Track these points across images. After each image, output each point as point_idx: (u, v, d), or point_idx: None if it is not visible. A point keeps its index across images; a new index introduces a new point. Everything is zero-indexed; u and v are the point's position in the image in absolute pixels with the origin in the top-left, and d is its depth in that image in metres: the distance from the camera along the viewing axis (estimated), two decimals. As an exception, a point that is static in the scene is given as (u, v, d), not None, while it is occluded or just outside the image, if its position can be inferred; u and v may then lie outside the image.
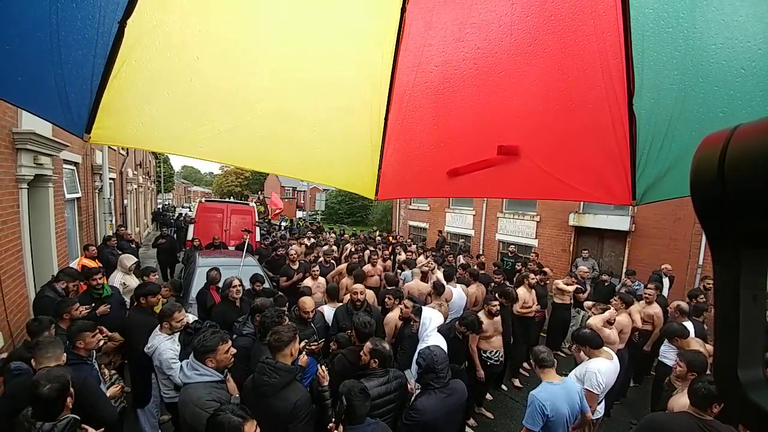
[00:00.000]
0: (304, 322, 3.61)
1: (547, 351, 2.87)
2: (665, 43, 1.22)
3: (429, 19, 1.57)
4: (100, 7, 1.12)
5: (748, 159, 0.33)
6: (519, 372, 5.85)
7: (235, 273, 4.92)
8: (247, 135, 1.56)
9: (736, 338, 0.36)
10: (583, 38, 1.34)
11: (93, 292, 4.08)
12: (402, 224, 17.27)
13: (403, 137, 1.80)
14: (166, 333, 3.13)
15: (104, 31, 1.15)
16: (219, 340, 2.40)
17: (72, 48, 1.10)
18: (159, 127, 1.42)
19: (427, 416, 2.49)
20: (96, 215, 8.67)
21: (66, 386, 1.96)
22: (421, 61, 1.64)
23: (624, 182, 1.43)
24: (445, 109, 1.67)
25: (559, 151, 1.51)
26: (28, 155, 4.64)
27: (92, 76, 1.19)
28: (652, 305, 5.22)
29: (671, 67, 1.23)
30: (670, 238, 8.46)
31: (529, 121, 1.53)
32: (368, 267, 6.53)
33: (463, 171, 1.64)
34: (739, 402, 0.36)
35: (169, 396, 3.05)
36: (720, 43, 1.12)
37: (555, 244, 11.03)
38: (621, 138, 1.37)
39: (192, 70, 1.37)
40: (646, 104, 1.30)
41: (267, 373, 2.26)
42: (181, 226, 14.39)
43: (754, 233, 0.34)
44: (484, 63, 1.52)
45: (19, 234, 4.53)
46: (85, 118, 1.24)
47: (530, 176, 1.56)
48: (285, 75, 1.54)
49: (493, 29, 1.47)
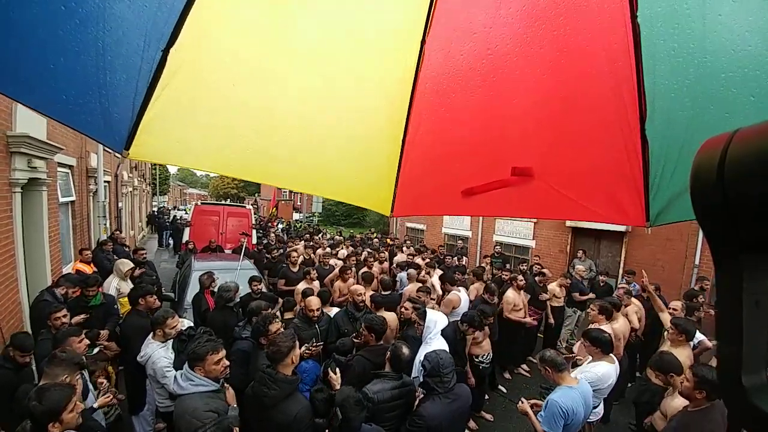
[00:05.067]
0: (309, 321, 3.63)
1: (559, 354, 2.84)
2: (676, 72, 1.25)
3: (447, 49, 1.64)
4: (146, 35, 1.19)
5: (748, 163, 0.32)
6: (510, 369, 5.92)
7: (232, 276, 4.88)
8: (273, 154, 1.66)
9: (739, 343, 0.35)
10: (595, 63, 1.38)
11: (82, 300, 4.08)
12: (399, 226, 17.27)
13: (419, 156, 1.86)
14: (160, 340, 3.09)
15: (148, 57, 1.24)
16: (209, 349, 2.33)
17: (116, 71, 1.18)
18: (194, 146, 1.52)
19: (432, 422, 2.46)
20: (90, 219, 8.58)
21: (54, 412, 1.83)
22: (440, 88, 1.71)
23: (637, 204, 1.46)
24: (461, 129, 1.74)
25: (573, 172, 1.55)
26: (22, 159, 4.58)
27: (134, 98, 1.28)
28: (632, 301, 5.22)
29: (682, 95, 1.26)
30: (667, 239, 8.50)
31: (542, 142, 1.57)
32: (367, 268, 6.51)
33: (478, 191, 1.69)
34: (743, 407, 0.35)
35: (164, 405, 3.00)
36: (730, 72, 1.15)
37: (552, 245, 11.06)
38: (634, 161, 1.41)
39: (227, 95, 1.46)
40: (657, 129, 1.34)
41: (267, 384, 2.22)
42: (178, 229, 14.31)
43: (755, 238, 0.33)
44: (497, 86, 1.58)
45: (12, 239, 4.47)
46: (125, 136, 1.33)
47: (544, 197, 1.60)
48: (309, 98, 1.62)
49: (507, 51, 1.53)
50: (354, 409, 2.13)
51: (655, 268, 8.43)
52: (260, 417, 2.23)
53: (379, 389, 2.56)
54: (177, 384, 2.32)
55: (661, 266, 8.49)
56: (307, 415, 2.28)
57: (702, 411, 2.45)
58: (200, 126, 1.48)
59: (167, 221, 18.45)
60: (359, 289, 4.30)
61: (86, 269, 5.58)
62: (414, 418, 2.51)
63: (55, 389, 1.92)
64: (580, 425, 2.67)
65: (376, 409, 2.49)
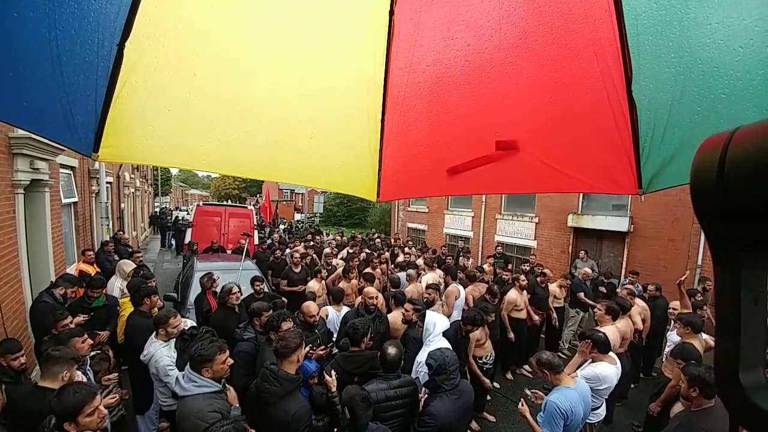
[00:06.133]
0: (309, 327, 3.57)
1: (555, 356, 2.84)
2: (660, 26, 1.20)
3: (417, 19, 1.56)
4: (99, 32, 1.15)
5: (748, 161, 0.33)
6: (512, 370, 5.95)
7: (234, 277, 4.89)
8: (249, 145, 1.60)
9: (737, 340, 0.36)
10: (574, 27, 1.32)
11: (84, 302, 4.10)
12: (401, 226, 17.26)
13: (400, 138, 1.80)
14: (162, 340, 3.11)
15: (104, 54, 1.19)
16: (217, 349, 2.35)
17: (74, 72, 1.14)
18: (163, 143, 1.46)
19: (442, 420, 2.46)
20: (93, 220, 8.62)
21: (69, 412, 1.86)
22: (413, 61, 1.64)
23: (629, 171, 1.40)
24: (441, 107, 1.67)
25: (560, 142, 1.49)
26: (24, 160, 4.61)
27: (96, 98, 1.24)
28: (637, 301, 5.22)
29: (668, 50, 1.21)
30: (669, 239, 8.48)
31: (525, 114, 1.51)
32: (368, 270, 6.52)
33: (462, 168, 1.63)
34: (741, 404, 0.36)
35: (167, 404, 3.02)
36: (716, 22, 1.11)
37: (554, 245, 11.03)
38: (622, 126, 1.35)
39: (190, 86, 1.41)
40: (645, 90, 1.28)
41: (269, 380, 2.25)
42: (180, 230, 14.33)
43: (755, 236, 0.34)
44: (476, 59, 1.51)
45: (16, 240, 4.49)
46: (91, 138, 1.29)
47: (531, 170, 1.54)
48: (281, 85, 1.57)
49: (482, 25, 1.46)
50: (361, 407, 2.14)
51: (658, 268, 8.41)
52: (260, 413, 2.25)
53: (374, 389, 2.56)
54: (179, 385, 2.33)
55: (664, 266, 8.46)
56: (306, 415, 2.29)
57: (704, 410, 2.45)
58: (166, 122, 1.42)
59: (169, 222, 18.48)
60: (372, 292, 4.23)
61: (89, 270, 5.61)
62: (424, 419, 2.50)
63: (76, 391, 1.93)
64: (580, 425, 2.67)
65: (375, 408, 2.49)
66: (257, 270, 6.31)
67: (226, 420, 1.88)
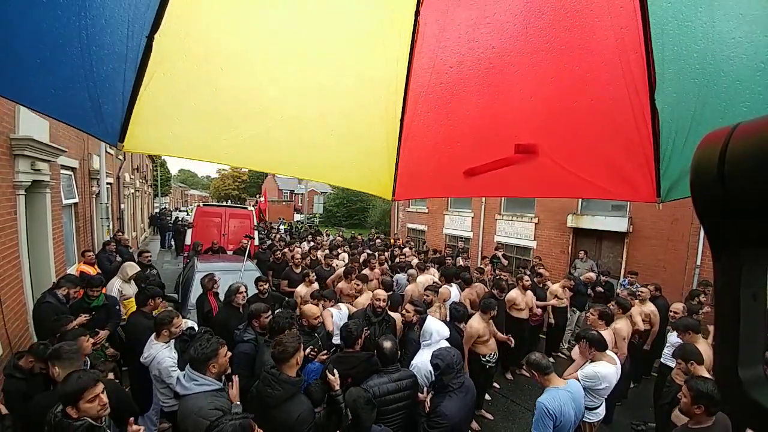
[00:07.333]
0: (310, 331, 3.51)
1: (544, 357, 2.85)
2: (685, 37, 1.21)
3: (443, 21, 1.57)
4: (129, 23, 1.16)
5: (748, 158, 0.32)
6: (512, 370, 5.96)
7: (235, 278, 4.90)
8: (269, 140, 1.61)
9: (736, 337, 0.36)
10: (600, 33, 1.32)
11: (84, 302, 4.12)
12: (400, 227, 17.26)
13: (419, 138, 1.80)
14: (163, 341, 3.13)
15: (133, 46, 1.20)
16: (217, 344, 2.40)
17: (103, 62, 1.14)
18: (187, 135, 1.47)
19: (453, 420, 2.48)
20: (93, 220, 8.61)
21: (70, 396, 1.94)
22: (436, 62, 1.65)
23: (648, 179, 1.40)
24: (461, 109, 1.67)
25: (580, 148, 1.48)
26: (25, 161, 4.61)
27: (123, 89, 1.25)
28: (647, 304, 5.24)
29: (692, 61, 1.22)
30: (668, 239, 8.49)
31: (547, 118, 1.51)
32: (366, 271, 6.52)
33: (480, 170, 1.63)
34: (740, 401, 0.36)
35: (169, 405, 3.02)
36: (739, 36, 1.12)
37: (553, 245, 11.04)
38: (644, 133, 1.35)
39: (216, 81, 1.42)
40: (668, 98, 1.29)
41: (270, 384, 2.24)
42: (179, 230, 14.31)
43: (755, 233, 0.34)
44: (500, 62, 1.51)
45: (17, 240, 4.49)
46: (118, 128, 1.30)
47: (550, 175, 1.54)
48: (303, 82, 1.58)
49: (508, 28, 1.46)
50: (365, 409, 2.14)
51: (657, 268, 8.43)
52: (263, 416, 2.24)
53: (375, 383, 2.58)
54: (180, 385, 2.34)
55: (663, 267, 8.48)
56: (309, 417, 2.29)
57: (702, 429, 2.37)
58: (191, 115, 1.44)
59: (169, 223, 18.46)
60: (381, 294, 4.17)
61: (90, 270, 5.61)
62: (437, 419, 2.51)
63: (80, 377, 2.01)
64: (572, 425, 2.66)
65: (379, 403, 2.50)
66: (258, 271, 6.32)
67: (233, 414, 1.88)
